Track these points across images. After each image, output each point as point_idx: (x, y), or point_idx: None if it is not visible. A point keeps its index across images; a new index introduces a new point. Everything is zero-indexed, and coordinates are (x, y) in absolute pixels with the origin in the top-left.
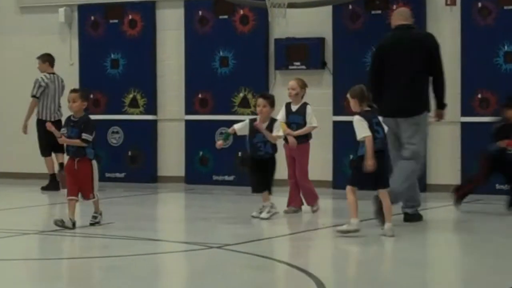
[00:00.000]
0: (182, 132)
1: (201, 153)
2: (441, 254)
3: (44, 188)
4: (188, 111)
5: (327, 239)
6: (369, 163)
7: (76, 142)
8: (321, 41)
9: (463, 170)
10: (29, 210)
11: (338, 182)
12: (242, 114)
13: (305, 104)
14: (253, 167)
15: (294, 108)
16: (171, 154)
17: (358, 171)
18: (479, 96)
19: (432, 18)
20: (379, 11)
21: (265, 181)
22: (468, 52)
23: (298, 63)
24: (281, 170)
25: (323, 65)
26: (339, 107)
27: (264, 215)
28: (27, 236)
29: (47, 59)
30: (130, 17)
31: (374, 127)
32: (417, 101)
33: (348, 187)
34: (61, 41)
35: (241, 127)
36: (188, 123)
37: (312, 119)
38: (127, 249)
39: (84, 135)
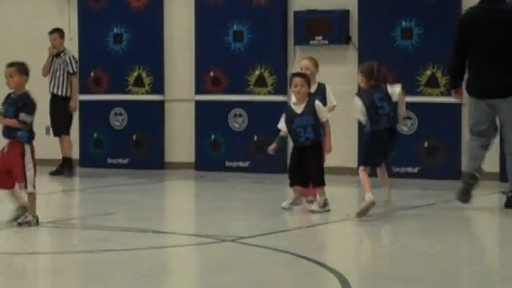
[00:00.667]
0: (191, 113)
1: (212, 136)
2: (477, 247)
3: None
4: (198, 90)
5: (351, 232)
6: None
7: (11, 122)
8: (345, 13)
9: (502, 156)
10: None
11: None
12: (258, 94)
13: (323, 85)
14: (295, 158)
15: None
16: (180, 138)
17: (368, 150)
18: None
19: None
20: None
21: (310, 172)
22: None
23: (319, 38)
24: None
25: (347, 40)
26: None
27: (314, 207)
28: (21, 228)
29: (64, 35)
30: None
31: (377, 103)
32: None
33: (361, 168)
34: (58, 13)
35: (283, 123)
36: (198, 103)
37: (332, 97)
38: (131, 242)
39: (22, 115)
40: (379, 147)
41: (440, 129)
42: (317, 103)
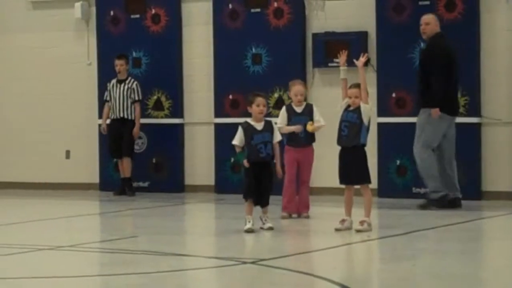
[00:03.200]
0: (211, 136)
1: (232, 159)
2: (497, 269)
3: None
4: (217, 113)
5: (371, 253)
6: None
7: None
8: (363, 35)
9: None
10: (43, 224)
11: (383, 190)
12: (277, 116)
13: (310, 105)
14: (251, 173)
15: (299, 110)
16: (200, 161)
17: (340, 166)
18: None
19: (485, 10)
20: (427, 2)
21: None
22: None
23: (338, 60)
24: (319, 176)
25: (366, 61)
26: (384, 107)
27: (270, 225)
28: (42, 252)
29: (128, 61)
30: (153, 11)
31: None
32: None
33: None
34: (77, 38)
35: (240, 138)
36: (217, 126)
37: (319, 117)
38: (152, 266)
39: None
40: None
41: (460, 149)
42: (274, 124)
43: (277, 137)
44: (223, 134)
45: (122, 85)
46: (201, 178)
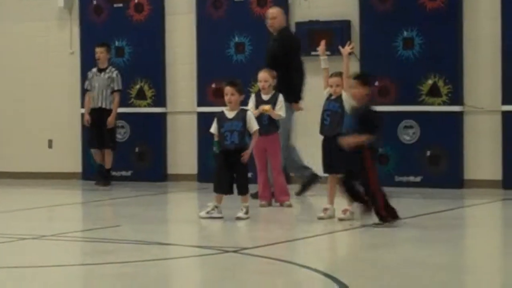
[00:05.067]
0: (194, 125)
1: (215, 148)
2: (479, 257)
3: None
4: (200, 102)
5: (353, 241)
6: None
7: None
8: (346, 24)
9: (505, 163)
10: (26, 213)
11: None
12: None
13: (278, 94)
14: (220, 161)
15: (265, 98)
16: (182, 150)
17: (323, 155)
18: None
19: None
20: None
21: (234, 180)
22: (509, 34)
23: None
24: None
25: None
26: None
27: (240, 214)
28: (25, 241)
29: (110, 50)
30: (136, 0)
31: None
32: None
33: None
34: (60, 28)
35: (214, 126)
36: (200, 115)
37: (282, 108)
38: (134, 255)
39: None
40: None
41: (442, 138)
42: (249, 113)
43: (253, 127)
44: (206, 123)
45: (102, 74)
46: (184, 167)
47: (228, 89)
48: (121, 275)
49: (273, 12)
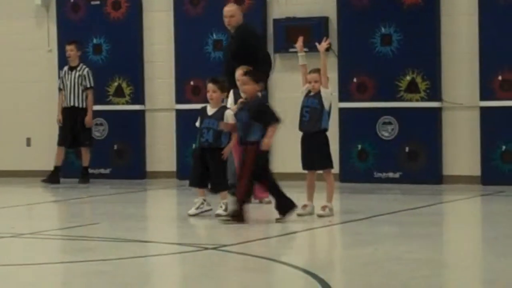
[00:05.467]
0: (172, 123)
1: (194, 145)
2: (459, 252)
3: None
4: (179, 100)
5: (333, 238)
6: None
7: None
8: (324, 20)
9: (483, 159)
10: (4, 212)
11: (345, 175)
12: None
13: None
14: (196, 157)
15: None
16: (161, 148)
17: (302, 151)
18: (500, 78)
19: None
20: None
21: (210, 175)
22: (486, 30)
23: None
24: (280, 162)
25: (327, 47)
26: (346, 92)
27: (220, 211)
28: (3, 239)
29: (80, 48)
30: None
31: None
32: None
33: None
34: (37, 25)
35: (198, 121)
36: (179, 113)
37: None
38: (113, 252)
39: None
40: None
41: (421, 134)
42: (227, 112)
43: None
44: (184, 120)
45: (74, 72)
46: (163, 164)
47: (210, 86)
48: (100, 273)
49: (230, 10)
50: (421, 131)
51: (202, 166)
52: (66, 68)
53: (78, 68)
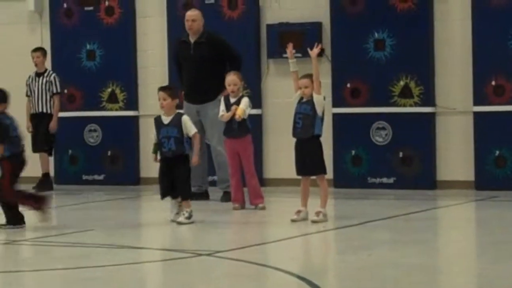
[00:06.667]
0: None
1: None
2: (453, 258)
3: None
4: None
5: (327, 243)
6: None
7: None
8: (317, 26)
9: (477, 164)
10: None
11: (339, 180)
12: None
13: (242, 96)
14: (161, 168)
15: (233, 100)
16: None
17: (296, 157)
18: (493, 83)
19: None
20: None
21: (176, 184)
22: (479, 36)
23: (293, 51)
24: (274, 168)
25: (320, 52)
26: (339, 98)
27: (181, 219)
28: None
29: (46, 54)
30: (106, 3)
31: None
32: None
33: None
34: (30, 31)
35: (154, 132)
36: None
37: (242, 105)
38: (107, 259)
39: None
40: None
41: (414, 139)
42: (184, 118)
43: (190, 131)
44: None
45: (41, 78)
46: (156, 170)
47: (160, 94)
48: (93, 280)
49: (193, 14)
50: (414, 136)
51: (168, 177)
52: (33, 74)
53: (45, 74)
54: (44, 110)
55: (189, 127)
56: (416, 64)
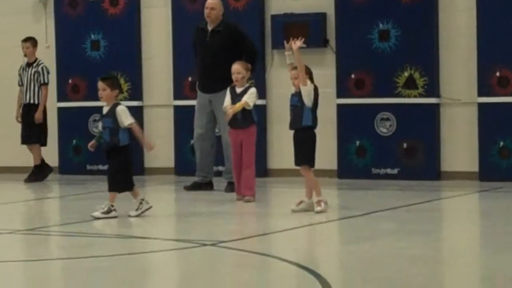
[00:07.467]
0: (171, 118)
1: (192, 141)
2: (457, 248)
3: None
4: (177, 96)
5: (331, 234)
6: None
7: None
8: (322, 16)
9: (481, 155)
10: (1, 208)
11: (343, 171)
12: None
13: (249, 87)
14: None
15: (238, 91)
16: (159, 143)
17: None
18: (498, 74)
19: None
20: None
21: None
22: (484, 27)
23: (303, 45)
24: (278, 158)
25: (325, 43)
26: (344, 88)
27: (132, 212)
28: (0, 236)
29: (36, 44)
30: None
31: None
32: None
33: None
34: (35, 21)
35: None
36: (177, 108)
37: (249, 97)
38: (112, 248)
39: None
40: None
41: (419, 130)
42: (119, 108)
43: (123, 122)
44: (182, 116)
45: (30, 68)
46: (161, 160)
47: (99, 84)
48: (98, 269)
49: (212, 2)
50: (419, 127)
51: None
52: (24, 64)
53: (34, 65)
54: (32, 101)
55: (124, 118)
56: (420, 55)
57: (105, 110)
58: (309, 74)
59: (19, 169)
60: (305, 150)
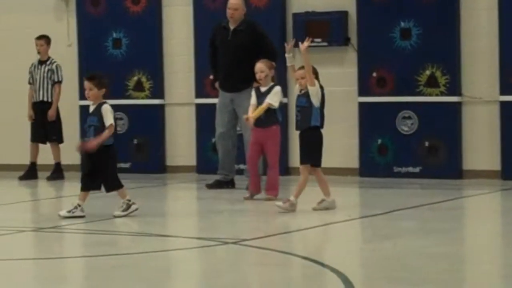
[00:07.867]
0: (192, 117)
1: (213, 140)
2: (479, 247)
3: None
4: (198, 94)
5: (352, 232)
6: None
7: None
8: (344, 15)
9: (503, 154)
10: (22, 206)
11: (365, 170)
12: None
13: (274, 85)
14: (82, 157)
15: (263, 90)
16: (181, 142)
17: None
18: None
19: None
20: None
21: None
22: (506, 25)
23: (319, 40)
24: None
25: (346, 41)
26: (365, 87)
27: (117, 213)
28: (24, 233)
29: (50, 42)
30: None
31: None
32: None
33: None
34: (57, 20)
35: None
36: (199, 107)
37: (273, 97)
38: (134, 247)
39: None
40: None
41: (441, 128)
42: (104, 107)
43: (106, 122)
44: (204, 114)
45: (43, 66)
46: (183, 158)
47: (85, 84)
48: (120, 267)
49: (235, 3)
50: (440, 125)
51: (89, 166)
52: (36, 62)
53: (48, 62)
54: (45, 99)
55: (108, 117)
56: (442, 54)
57: (91, 108)
58: (316, 74)
59: (40, 167)
60: (312, 149)
